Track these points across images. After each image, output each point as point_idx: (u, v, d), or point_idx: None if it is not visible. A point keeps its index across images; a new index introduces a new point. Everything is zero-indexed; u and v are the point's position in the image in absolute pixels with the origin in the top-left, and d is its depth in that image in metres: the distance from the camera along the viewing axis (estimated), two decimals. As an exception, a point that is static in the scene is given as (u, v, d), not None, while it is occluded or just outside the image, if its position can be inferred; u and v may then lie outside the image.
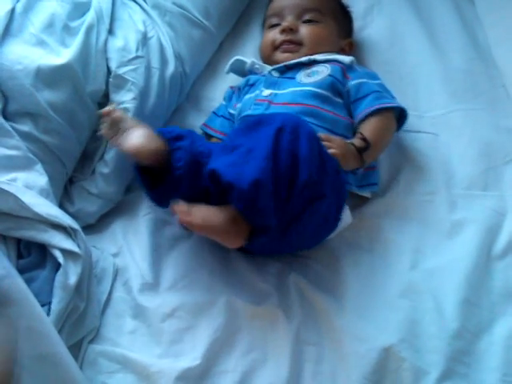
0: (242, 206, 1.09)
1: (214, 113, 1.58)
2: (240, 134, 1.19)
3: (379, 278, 1.25)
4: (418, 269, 1.25)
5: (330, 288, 1.24)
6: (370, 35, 1.69)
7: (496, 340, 1.14)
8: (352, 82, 1.43)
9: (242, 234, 1.12)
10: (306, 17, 1.54)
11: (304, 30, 1.53)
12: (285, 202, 1.12)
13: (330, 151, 1.24)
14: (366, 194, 1.39)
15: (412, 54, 1.63)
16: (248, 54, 1.66)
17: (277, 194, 1.10)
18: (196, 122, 1.60)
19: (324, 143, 1.24)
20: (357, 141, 1.32)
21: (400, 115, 1.42)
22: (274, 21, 1.58)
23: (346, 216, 1.27)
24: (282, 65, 1.50)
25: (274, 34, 1.56)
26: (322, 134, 1.26)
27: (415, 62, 1.61)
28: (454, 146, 1.44)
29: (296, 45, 1.53)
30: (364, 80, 1.44)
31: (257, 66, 1.54)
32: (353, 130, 1.39)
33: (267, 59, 1.57)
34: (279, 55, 1.54)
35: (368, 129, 1.35)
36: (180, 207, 1.10)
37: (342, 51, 1.56)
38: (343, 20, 1.60)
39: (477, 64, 1.59)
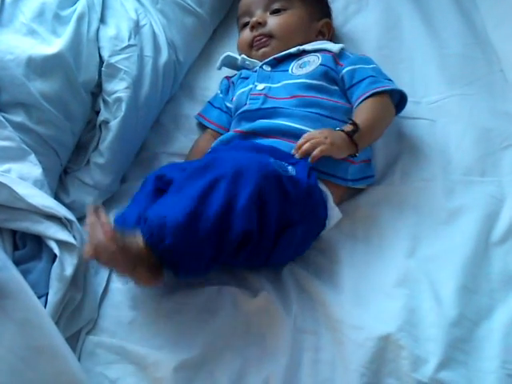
0: (149, 240, 1.09)
1: (209, 103, 1.57)
2: (187, 177, 1.16)
3: (376, 267, 1.24)
4: (415, 256, 1.24)
5: (326, 277, 1.23)
6: (364, 19, 1.69)
7: (495, 327, 1.13)
8: (345, 69, 1.42)
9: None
10: (274, 7, 1.53)
11: (271, 21, 1.52)
12: (217, 249, 1.11)
13: (315, 153, 1.23)
14: (362, 186, 1.38)
15: (408, 38, 1.62)
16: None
17: (197, 239, 1.09)
18: (190, 111, 1.59)
19: (303, 147, 1.24)
20: (346, 126, 1.30)
21: (400, 99, 1.41)
22: (245, 19, 1.57)
23: (335, 215, 1.28)
24: (271, 58, 1.49)
25: (246, 33, 1.55)
26: (301, 140, 1.25)
27: (411, 46, 1.61)
28: (451, 132, 1.44)
29: (267, 38, 1.52)
30: (358, 66, 1.43)
31: (247, 63, 1.53)
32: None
33: (250, 57, 1.55)
34: (256, 53, 1.53)
35: (360, 113, 1.34)
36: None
37: (320, 34, 1.56)
38: (313, 2, 1.58)
39: (474, 49, 1.58)
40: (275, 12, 1.53)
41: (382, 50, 1.57)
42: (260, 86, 1.44)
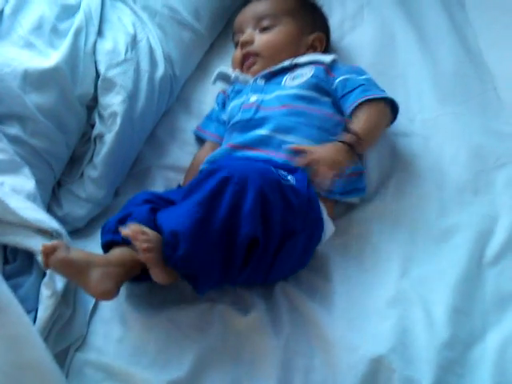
0: (165, 251, 1.10)
1: (207, 117, 1.57)
2: (194, 184, 1.17)
3: (369, 287, 1.23)
4: (407, 276, 1.24)
5: (319, 297, 1.22)
6: (359, 36, 1.69)
7: (488, 349, 1.12)
8: (338, 79, 1.42)
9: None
10: (262, 24, 1.54)
11: (258, 40, 1.53)
12: (226, 254, 1.12)
13: (321, 173, 1.22)
14: (354, 200, 1.38)
15: (402, 55, 1.63)
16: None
17: (209, 244, 1.10)
18: (186, 124, 1.59)
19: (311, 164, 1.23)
20: (347, 136, 1.30)
21: (391, 109, 1.41)
22: (238, 37, 1.58)
23: (329, 228, 1.27)
24: (266, 72, 1.49)
25: (238, 51, 1.56)
26: (305, 156, 1.24)
27: (406, 63, 1.61)
28: (444, 150, 1.43)
29: (254, 56, 1.53)
30: (350, 76, 1.43)
31: (241, 78, 1.54)
32: (344, 127, 1.37)
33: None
34: (248, 71, 1.54)
35: (357, 120, 1.34)
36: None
37: (311, 48, 1.55)
38: (304, 16, 1.57)
39: (467, 67, 1.58)
40: (264, 29, 1.54)
41: (377, 67, 1.57)
42: (253, 98, 1.44)
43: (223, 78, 1.58)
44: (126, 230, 1.09)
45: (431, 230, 1.31)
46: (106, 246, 1.19)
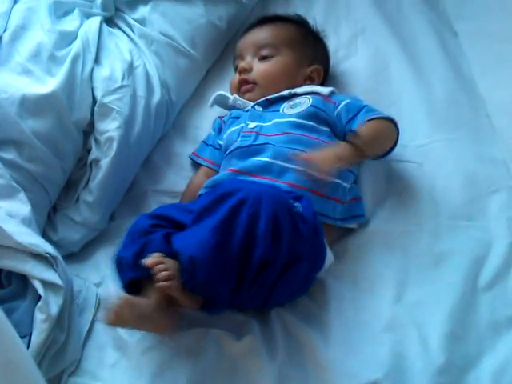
0: (183, 278, 1.10)
1: (203, 142, 1.58)
2: (207, 206, 1.17)
3: (364, 312, 1.23)
4: (402, 302, 1.23)
5: (314, 322, 1.22)
6: (354, 64, 1.69)
7: (483, 375, 1.12)
8: (341, 105, 1.44)
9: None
10: (262, 53, 1.56)
11: (256, 69, 1.54)
12: (240, 276, 1.13)
13: (324, 172, 1.23)
14: (353, 225, 1.38)
15: (396, 83, 1.63)
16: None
17: (226, 268, 1.11)
18: (182, 149, 1.60)
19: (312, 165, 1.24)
20: (351, 137, 1.32)
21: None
22: (238, 62, 1.59)
23: (328, 257, 1.27)
24: (264, 99, 1.50)
25: (236, 76, 1.57)
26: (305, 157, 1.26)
27: (399, 91, 1.61)
28: (438, 176, 1.43)
29: (252, 84, 1.54)
30: (351, 100, 1.45)
31: (239, 102, 1.54)
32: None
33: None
34: (244, 96, 1.55)
35: (363, 128, 1.36)
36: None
37: (309, 79, 1.56)
38: (304, 48, 1.59)
39: (460, 94, 1.59)
40: (263, 58, 1.55)
41: (370, 94, 1.58)
42: (252, 125, 1.45)
43: (221, 101, 1.59)
44: (148, 261, 1.10)
45: (425, 255, 1.31)
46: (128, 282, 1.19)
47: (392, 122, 1.40)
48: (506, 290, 1.24)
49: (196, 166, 1.56)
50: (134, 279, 1.17)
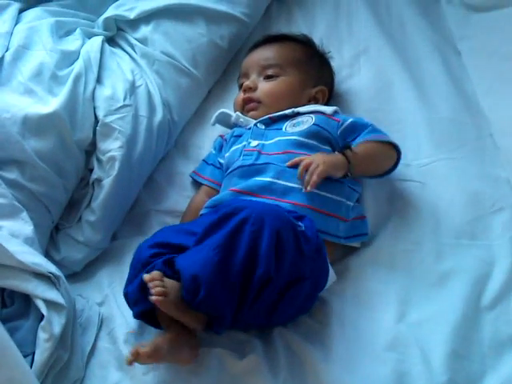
0: (185, 296, 1.11)
1: (204, 161, 1.58)
2: (210, 226, 1.16)
3: (366, 331, 1.22)
4: (404, 321, 1.23)
5: (316, 341, 1.21)
6: (357, 83, 1.70)
7: (486, 394, 1.12)
8: (346, 122, 1.45)
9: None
10: (267, 72, 1.56)
11: (261, 88, 1.55)
12: (242, 294, 1.13)
13: (314, 179, 1.26)
14: (356, 244, 1.38)
15: (399, 102, 1.64)
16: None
17: (229, 286, 1.11)
18: (184, 169, 1.60)
19: (306, 179, 1.27)
20: (342, 148, 1.36)
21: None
22: (242, 80, 1.60)
23: (331, 275, 1.27)
24: (266, 117, 1.51)
25: (241, 94, 1.58)
26: (300, 168, 1.30)
27: (402, 110, 1.62)
28: (441, 195, 1.44)
29: (256, 102, 1.55)
30: (356, 119, 1.47)
31: (241, 120, 1.55)
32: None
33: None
34: (248, 114, 1.56)
35: (359, 145, 1.39)
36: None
37: (313, 100, 1.57)
38: (310, 69, 1.60)
39: (463, 113, 1.59)
40: (268, 77, 1.56)
41: (373, 113, 1.58)
42: (254, 143, 1.45)
43: (223, 119, 1.60)
44: (146, 277, 1.10)
45: (428, 274, 1.31)
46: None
47: (393, 145, 1.41)
48: (508, 309, 1.24)
49: (197, 184, 1.56)
50: (145, 311, 1.17)
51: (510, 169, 1.46)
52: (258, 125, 1.51)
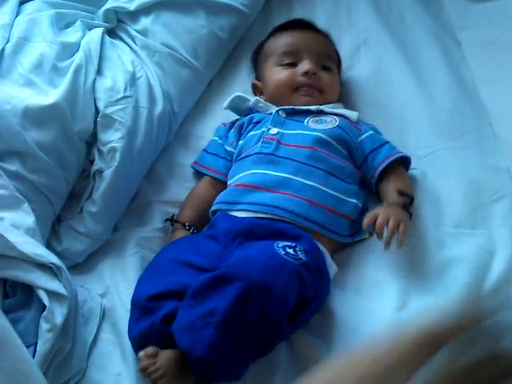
0: (197, 373, 1.10)
1: (204, 150, 1.57)
2: (204, 288, 1.13)
3: (367, 319, 1.22)
4: (405, 309, 1.23)
5: (316, 329, 1.22)
6: (357, 75, 1.71)
7: None
8: (366, 134, 1.46)
9: None
10: (325, 63, 1.56)
11: (324, 77, 1.54)
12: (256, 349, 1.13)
13: (393, 225, 1.26)
14: (359, 238, 1.39)
15: (399, 93, 1.64)
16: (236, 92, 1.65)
17: (242, 356, 1.10)
18: (184, 160, 1.60)
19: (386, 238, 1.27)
20: (399, 198, 1.35)
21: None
22: (288, 59, 1.56)
23: (332, 268, 1.29)
24: (290, 107, 1.50)
25: (292, 75, 1.53)
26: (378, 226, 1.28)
27: (402, 101, 1.63)
28: (441, 185, 1.44)
29: (317, 90, 1.53)
30: (375, 132, 1.48)
31: (261, 105, 1.54)
32: (359, 178, 1.44)
33: (279, 98, 1.54)
34: (299, 98, 1.52)
35: (403, 184, 1.40)
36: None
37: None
38: (338, 68, 1.63)
39: (463, 104, 1.60)
40: (325, 69, 1.56)
41: (374, 104, 1.59)
42: (273, 131, 1.45)
43: (238, 103, 1.57)
44: (142, 365, 1.09)
45: (429, 263, 1.31)
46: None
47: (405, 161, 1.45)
48: (509, 297, 1.24)
49: (198, 175, 1.56)
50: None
51: (509, 158, 1.47)
52: (280, 112, 1.49)
